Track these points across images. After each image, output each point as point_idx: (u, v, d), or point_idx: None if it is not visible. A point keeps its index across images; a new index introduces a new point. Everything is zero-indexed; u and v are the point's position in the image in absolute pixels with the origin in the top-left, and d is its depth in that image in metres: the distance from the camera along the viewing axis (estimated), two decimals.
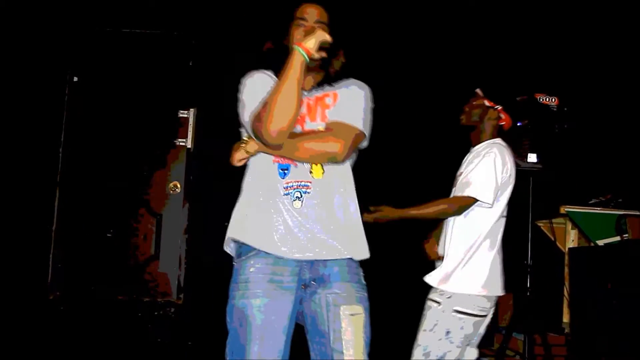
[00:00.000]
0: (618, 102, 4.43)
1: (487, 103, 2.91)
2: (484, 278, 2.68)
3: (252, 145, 1.99)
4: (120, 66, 4.22)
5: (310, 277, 1.99)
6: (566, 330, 3.92)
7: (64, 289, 4.04)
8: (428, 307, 2.68)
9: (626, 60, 4.40)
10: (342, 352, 1.91)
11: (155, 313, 4.07)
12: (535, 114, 3.54)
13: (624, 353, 3.11)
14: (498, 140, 2.87)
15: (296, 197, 1.98)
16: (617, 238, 3.67)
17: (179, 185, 4.16)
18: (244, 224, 2.03)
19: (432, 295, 2.69)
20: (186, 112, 4.21)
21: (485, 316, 2.72)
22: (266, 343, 1.90)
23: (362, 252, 2.07)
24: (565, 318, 3.97)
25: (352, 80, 2.13)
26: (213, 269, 4.44)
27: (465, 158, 2.92)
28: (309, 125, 2.04)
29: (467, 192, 2.69)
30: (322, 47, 1.94)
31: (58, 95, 4.14)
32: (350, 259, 2.03)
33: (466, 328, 2.64)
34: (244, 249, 2.02)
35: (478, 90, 2.96)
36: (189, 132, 4.19)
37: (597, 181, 4.25)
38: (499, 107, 2.91)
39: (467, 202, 2.69)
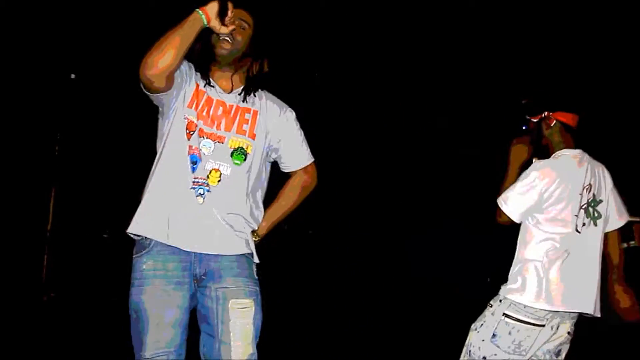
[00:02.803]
0: (624, 106, 4.42)
1: (532, 119, 2.68)
2: (536, 288, 2.54)
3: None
4: (117, 63, 4.19)
5: (200, 271, 2.05)
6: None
7: (59, 290, 4.02)
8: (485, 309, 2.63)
9: (631, 65, 4.38)
10: (230, 345, 1.99)
11: None
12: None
13: None
14: (562, 152, 2.68)
15: (199, 193, 2.05)
16: (623, 245, 3.62)
17: None
18: (143, 215, 2.09)
19: (491, 300, 2.64)
20: None
21: (541, 325, 2.54)
22: (158, 335, 1.98)
23: (244, 248, 2.12)
24: None
25: (273, 100, 2.25)
26: None
27: None
28: (221, 133, 2.12)
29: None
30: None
31: (55, 92, 4.12)
32: (243, 254, 2.11)
33: (516, 334, 2.52)
34: (140, 243, 2.07)
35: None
36: None
37: None
38: (544, 113, 2.65)
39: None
